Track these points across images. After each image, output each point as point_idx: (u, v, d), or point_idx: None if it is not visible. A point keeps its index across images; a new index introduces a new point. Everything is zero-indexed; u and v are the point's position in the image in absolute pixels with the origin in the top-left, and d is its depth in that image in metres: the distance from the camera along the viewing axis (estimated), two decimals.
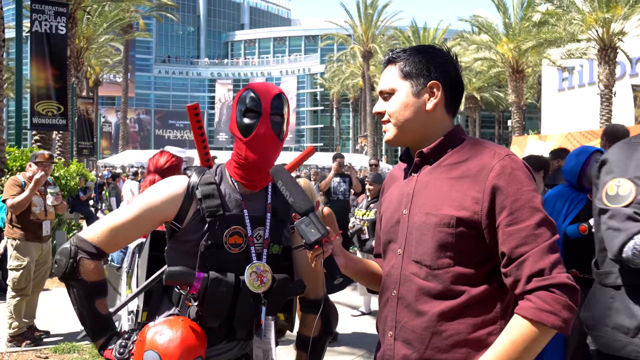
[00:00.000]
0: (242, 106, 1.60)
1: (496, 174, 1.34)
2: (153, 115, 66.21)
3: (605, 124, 19.49)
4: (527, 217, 1.30)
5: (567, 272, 1.29)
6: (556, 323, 1.23)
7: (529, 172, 1.37)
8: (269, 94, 1.62)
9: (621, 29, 18.74)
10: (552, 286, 1.25)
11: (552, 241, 1.30)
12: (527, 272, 1.27)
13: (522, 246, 1.29)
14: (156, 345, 1.39)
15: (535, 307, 1.24)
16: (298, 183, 1.54)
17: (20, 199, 4.70)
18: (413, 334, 1.40)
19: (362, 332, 5.40)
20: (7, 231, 4.91)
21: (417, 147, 1.50)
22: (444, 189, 1.40)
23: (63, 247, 1.56)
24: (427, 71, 1.47)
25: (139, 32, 35.43)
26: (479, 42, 26.03)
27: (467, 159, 1.41)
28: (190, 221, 1.57)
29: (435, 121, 1.48)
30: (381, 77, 1.56)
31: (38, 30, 10.26)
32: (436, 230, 1.38)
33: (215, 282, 1.52)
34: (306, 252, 1.56)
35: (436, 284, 1.37)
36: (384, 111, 1.51)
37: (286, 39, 70.69)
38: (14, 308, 4.76)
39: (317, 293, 1.76)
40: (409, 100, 1.47)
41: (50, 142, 13.28)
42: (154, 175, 3.15)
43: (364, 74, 38.48)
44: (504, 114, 47.26)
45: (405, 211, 1.47)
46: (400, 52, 1.52)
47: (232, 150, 1.70)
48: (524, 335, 1.24)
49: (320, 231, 1.43)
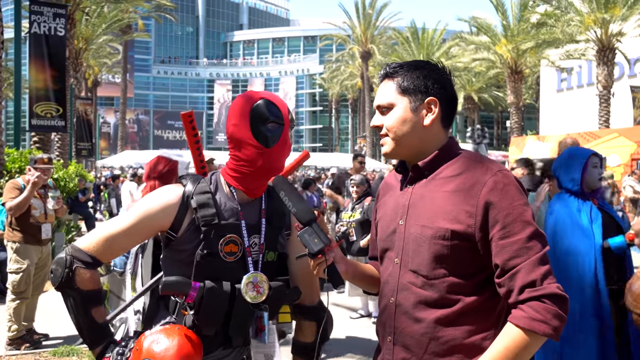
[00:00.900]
0: (260, 115, 1.60)
1: (489, 190, 1.39)
2: (152, 116, 66.22)
3: (603, 125, 19.52)
4: (518, 230, 1.36)
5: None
6: (547, 331, 1.29)
7: (520, 187, 1.43)
8: (284, 104, 1.66)
9: (620, 30, 18.78)
10: (543, 296, 1.31)
11: (542, 253, 1.36)
12: (520, 283, 1.33)
13: (514, 258, 1.35)
14: (153, 354, 1.40)
15: (527, 317, 1.31)
16: (300, 193, 1.56)
17: (18, 201, 4.70)
18: (411, 339, 1.46)
19: (360, 334, 5.41)
20: (7, 234, 4.91)
21: (413, 160, 1.55)
22: (438, 201, 1.45)
23: (59, 257, 1.56)
24: (425, 87, 1.51)
25: (137, 33, 35.46)
26: (477, 42, 26.07)
27: (460, 172, 1.46)
28: (186, 230, 1.58)
29: (432, 136, 1.53)
30: (378, 91, 1.59)
31: (37, 32, 10.27)
32: (432, 242, 1.43)
33: (211, 292, 1.52)
34: (308, 260, 1.58)
35: (432, 292, 1.43)
36: (382, 125, 1.55)
37: (285, 40, 70.74)
38: (14, 311, 4.76)
39: (312, 299, 1.78)
40: (407, 115, 1.51)
41: (49, 144, 13.30)
42: (154, 181, 3.16)
43: (362, 75, 38.52)
44: (503, 114, 47.32)
45: (402, 222, 1.52)
46: (398, 68, 1.55)
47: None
48: (517, 342, 1.31)
49: (322, 241, 1.47)
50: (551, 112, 28.25)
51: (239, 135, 1.61)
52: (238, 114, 1.62)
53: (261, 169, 1.62)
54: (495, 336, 1.37)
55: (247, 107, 1.61)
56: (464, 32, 29.77)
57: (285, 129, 1.64)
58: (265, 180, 1.66)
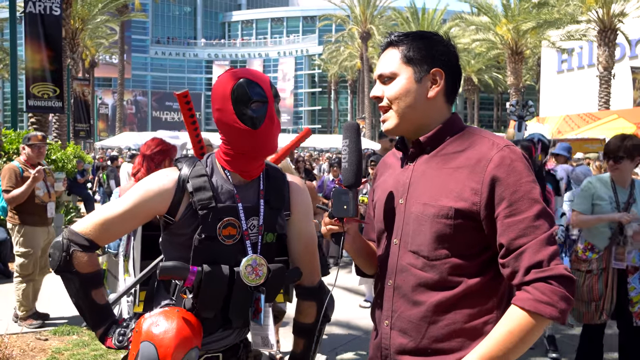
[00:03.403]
0: (242, 96, 1.53)
1: (495, 165, 1.33)
2: (150, 97, 65.78)
3: (603, 106, 19.44)
4: (526, 208, 1.30)
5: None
6: (553, 314, 1.24)
7: (528, 163, 1.36)
8: (265, 79, 1.58)
9: (621, 10, 18.60)
10: (550, 278, 1.25)
11: (550, 232, 1.30)
12: (526, 263, 1.27)
13: (520, 237, 1.29)
14: (152, 336, 1.40)
15: (533, 299, 1.25)
16: (362, 154, 1.51)
17: (17, 194, 4.72)
18: (410, 323, 1.41)
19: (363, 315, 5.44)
20: (11, 218, 4.92)
21: (413, 136, 1.48)
22: (441, 179, 1.39)
23: (56, 241, 1.56)
24: (430, 58, 1.44)
25: (134, 13, 35.01)
26: (478, 23, 25.81)
27: (465, 148, 1.40)
28: (184, 215, 1.56)
29: (435, 110, 1.47)
30: (380, 59, 1.52)
31: (32, 11, 10.13)
32: (434, 221, 1.37)
33: (209, 275, 1.51)
34: (309, 239, 1.56)
35: (433, 274, 1.38)
36: (383, 96, 1.48)
37: (284, 20, 69.98)
38: (22, 293, 4.86)
39: (313, 280, 1.75)
40: (410, 86, 1.44)
41: (46, 125, 13.22)
42: (146, 162, 3.16)
43: (362, 56, 38.18)
44: (503, 96, 47.07)
45: (402, 201, 1.46)
46: (403, 37, 1.48)
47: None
48: (521, 325, 1.25)
49: (350, 210, 1.43)
50: (551, 93, 28.09)
51: (224, 120, 1.56)
52: (220, 98, 1.56)
53: (252, 151, 1.58)
54: (497, 320, 1.32)
55: (228, 90, 1.55)
56: (465, 13, 29.46)
57: (270, 106, 1.57)
58: (258, 161, 1.62)
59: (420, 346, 1.40)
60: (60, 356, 4.18)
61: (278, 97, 1.63)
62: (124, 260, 3.27)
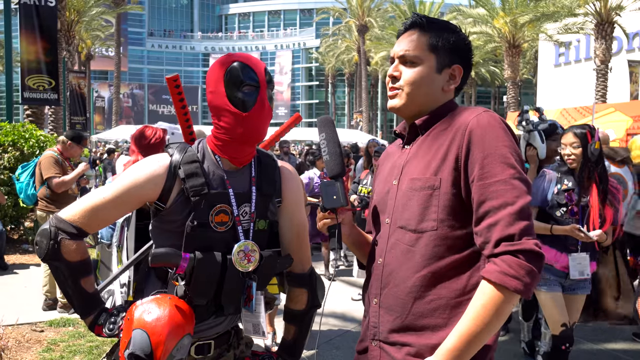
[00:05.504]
0: (234, 79, 1.53)
1: (472, 128, 1.34)
2: (147, 90, 65.50)
3: (600, 99, 19.44)
4: (497, 172, 1.29)
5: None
6: (518, 287, 1.24)
7: (508, 129, 1.35)
8: (259, 65, 1.58)
9: (619, 3, 18.54)
10: (519, 252, 1.25)
11: (523, 204, 1.28)
12: (497, 235, 1.27)
13: (488, 201, 1.28)
14: (144, 323, 1.39)
15: (499, 271, 1.25)
16: (340, 145, 1.53)
17: (67, 179, 5.08)
18: (396, 299, 1.42)
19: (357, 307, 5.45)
20: (43, 206, 5.17)
21: (412, 119, 1.51)
22: (430, 155, 1.41)
23: (43, 228, 1.52)
24: (455, 52, 1.48)
25: (130, 5, 34.84)
26: (475, 16, 25.75)
27: (451, 124, 1.42)
28: (175, 201, 1.54)
29: (443, 101, 1.50)
30: (403, 38, 1.51)
31: (27, 2, 10.06)
32: (421, 193, 1.39)
33: (201, 262, 1.50)
34: (300, 227, 1.55)
35: (419, 247, 1.39)
36: (399, 76, 1.48)
37: (281, 12, 69.66)
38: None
39: (304, 267, 1.76)
40: (431, 75, 1.46)
41: (42, 117, 13.17)
42: (139, 153, 3.12)
43: (359, 49, 38.07)
44: (500, 89, 47.04)
45: (395, 182, 1.49)
46: (432, 23, 1.49)
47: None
48: (492, 298, 1.25)
49: (340, 200, 1.46)
50: (548, 87, 28.07)
51: (216, 102, 1.56)
52: (214, 80, 1.56)
53: (242, 136, 1.56)
54: None
55: (221, 72, 1.55)
56: (462, 5, 29.39)
57: (262, 91, 1.55)
58: (249, 147, 1.61)
59: (406, 322, 1.40)
60: (56, 347, 4.18)
61: (272, 83, 1.62)
62: (117, 251, 3.25)
